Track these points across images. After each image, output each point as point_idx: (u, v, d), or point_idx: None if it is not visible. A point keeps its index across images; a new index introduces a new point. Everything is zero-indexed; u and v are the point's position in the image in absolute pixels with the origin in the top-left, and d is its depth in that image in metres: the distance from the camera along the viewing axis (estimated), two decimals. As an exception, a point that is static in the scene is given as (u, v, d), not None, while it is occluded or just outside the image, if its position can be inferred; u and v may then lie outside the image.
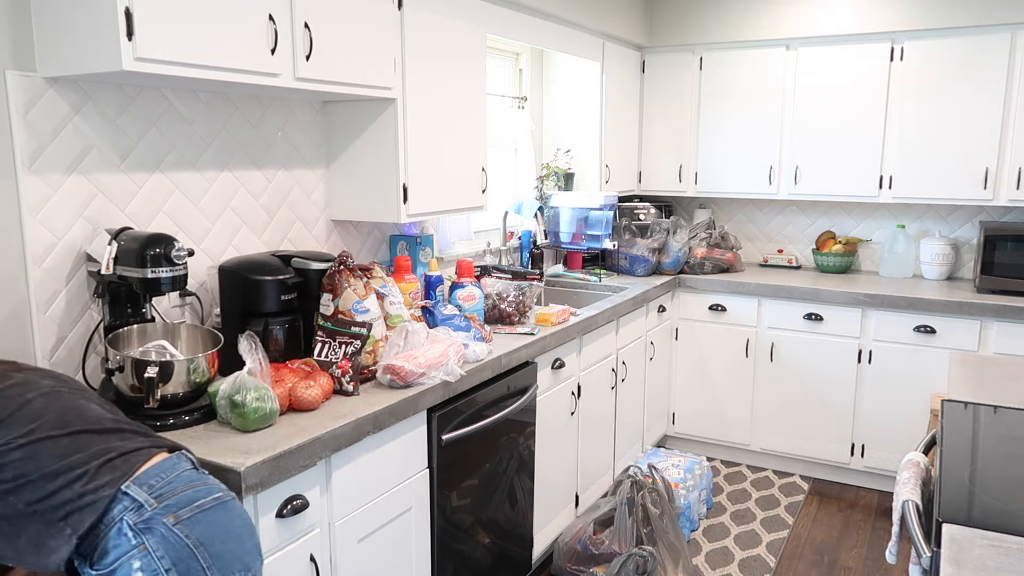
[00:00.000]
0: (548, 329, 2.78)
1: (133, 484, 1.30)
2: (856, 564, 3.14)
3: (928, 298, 3.46)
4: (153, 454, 1.37)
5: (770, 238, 4.45)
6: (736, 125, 4.09)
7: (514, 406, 2.51)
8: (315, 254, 2.26)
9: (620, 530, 2.88)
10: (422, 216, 2.59)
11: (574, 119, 4.00)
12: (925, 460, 1.79)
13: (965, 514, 1.43)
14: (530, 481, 2.74)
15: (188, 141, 2.14)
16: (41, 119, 1.79)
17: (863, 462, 3.72)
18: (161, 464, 1.36)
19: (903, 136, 3.68)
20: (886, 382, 3.61)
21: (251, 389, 1.74)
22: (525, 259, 3.85)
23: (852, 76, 3.76)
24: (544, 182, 4.01)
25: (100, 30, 1.61)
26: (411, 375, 2.07)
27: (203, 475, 1.41)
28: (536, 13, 3.21)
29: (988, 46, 3.46)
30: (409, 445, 2.09)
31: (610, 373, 3.36)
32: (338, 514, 1.85)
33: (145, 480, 1.31)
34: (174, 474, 1.36)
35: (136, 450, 1.36)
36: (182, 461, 1.40)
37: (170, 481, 1.34)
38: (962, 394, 2.18)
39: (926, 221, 4.04)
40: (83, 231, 1.90)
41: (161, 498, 1.30)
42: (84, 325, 1.93)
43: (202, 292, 2.20)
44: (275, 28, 1.93)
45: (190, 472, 1.39)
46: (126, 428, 1.42)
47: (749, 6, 3.95)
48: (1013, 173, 3.49)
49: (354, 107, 2.51)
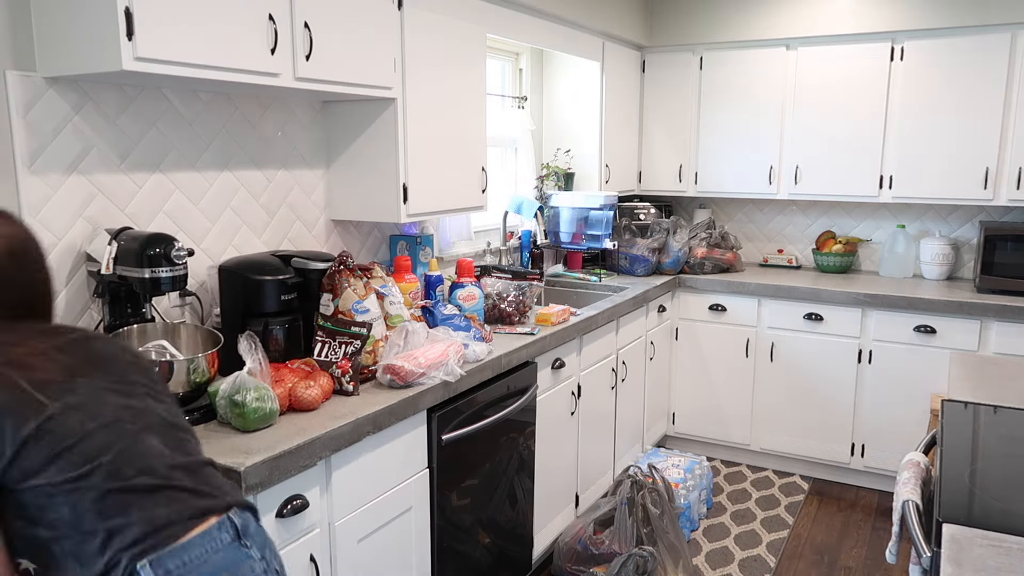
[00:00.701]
0: (548, 329, 2.78)
1: (149, 566, 1.14)
2: (856, 564, 3.14)
3: (928, 298, 3.46)
4: (193, 526, 1.20)
5: (770, 238, 4.45)
6: (736, 125, 4.09)
7: (514, 406, 2.51)
8: (315, 254, 2.26)
9: (620, 530, 2.89)
10: (422, 216, 2.59)
11: (574, 119, 4.00)
12: (925, 460, 1.79)
13: (965, 514, 1.43)
14: (530, 481, 2.74)
15: (188, 141, 2.14)
16: (41, 119, 1.79)
17: (863, 462, 3.72)
18: (194, 540, 1.19)
19: (903, 136, 3.68)
20: (886, 382, 3.61)
21: (251, 389, 1.74)
22: (525, 259, 3.85)
23: (852, 76, 3.76)
24: (544, 182, 4.01)
25: (100, 30, 1.61)
26: (411, 375, 2.07)
27: (241, 552, 1.23)
28: (536, 13, 3.21)
29: (988, 46, 3.46)
30: (409, 445, 2.09)
31: (610, 373, 3.36)
32: (338, 514, 1.85)
33: (164, 563, 1.15)
34: (202, 557, 1.19)
35: (174, 522, 1.19)
36: (223, 533, 1.22)
37: (194, 567, 1.17)
38: (962, 394, 2.18)
39: (926, 221, 4.04)
40: (83, 231, 1.90)
41: None
42: (84, 325, 1.93)
43: (202, 292, 2.20)
44: (275, 28, 1.93)
45: (226, 551, 1.21)
46: (176, 484, 1.22)
47: (749, 6, 3.95)
48: (1013, 173, 3.49)
49: (354, 107, 2.51)
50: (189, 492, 1.24)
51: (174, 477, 1.23)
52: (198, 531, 1.21)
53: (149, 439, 1.24)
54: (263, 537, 1.30)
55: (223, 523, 1.24)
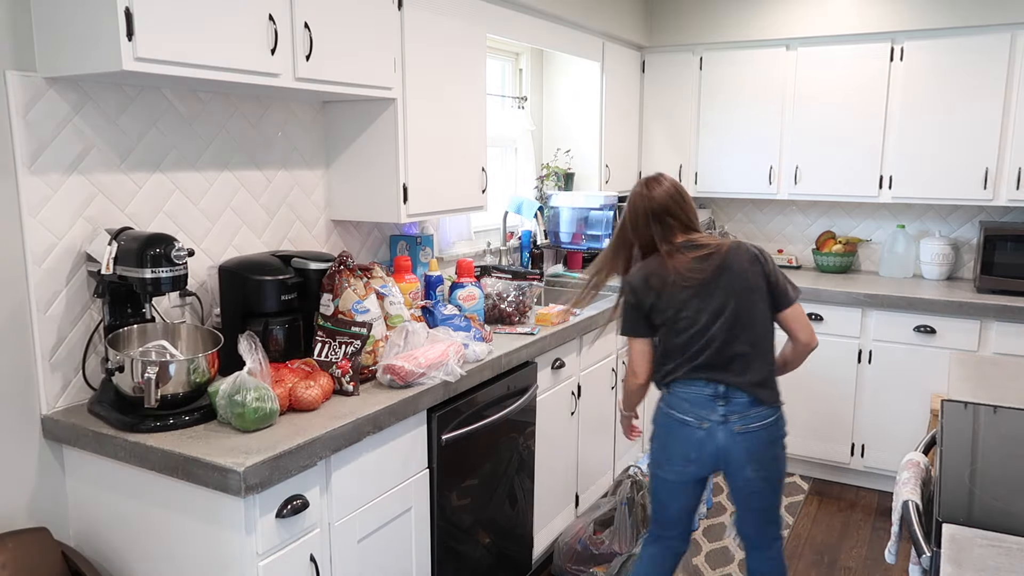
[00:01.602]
0: (548, 329, 2.78)
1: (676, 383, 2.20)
2: (856, 564, 3.14)
3: (928, 298, 3.46)
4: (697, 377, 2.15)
5: (770, 238, 4.45)
6: (736, 125, 4.09)
7: (514, 406, 2.51)
8: (315, 254, 2.26)
9: (620, 530, 2.89)
10: (422, 216, 2.59)
11: (574, 119, 4.00)
12: (925, 460, 1.79)
13: (965, 514, 1.43)
14: (530, 481, 2.74)
15: (188, 141, 2.14)
16: (41, 119, 1.79)
17: (863, 462, 3.72)
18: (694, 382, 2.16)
19: (903, 136, 3.68)
20: (886, 382, 3.61)
21: (251, 389, 1.74)
22: (525, 259, 3.85)
23: (852, 76, 3.76)
24: (544, 182, 4.01)
25: (100, 30, 1.61)
26: (411, 375, 2.07)
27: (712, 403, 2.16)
28: (536, 13, 3.22)
29: (988, 46, 3.46)
30: (409, 445, 2.09)
31: (610, 373, 3.36)
32: (338, 514, 1.85)
33: (675, 385, 2.21)
34: (693, 395, 2.15)
35: (681, 367, 2.18)
36: (707, 388, 2.14)
37: (685, 396, 2.17)
38: (962, 394, 2.18)
39: (926, 221, 4.04)
40: (83, 231, 1.90)
41: None
42: (84, 325, 1.93)
43: (202, 292, 2.20)
44: (275, 28, 1.93)
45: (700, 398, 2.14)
46: (702, 349, 2.14)
47: (749, 6, 3.95)
48: (1013, 173, 3.49)
49: (354, 107, 2.51)
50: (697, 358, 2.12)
51: (704, 355, 2.10)
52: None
53: (712, 335, 2.11)
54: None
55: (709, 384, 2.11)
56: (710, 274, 2.11)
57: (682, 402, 2.14)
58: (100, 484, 1.83)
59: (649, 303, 2.15)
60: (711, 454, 2.13)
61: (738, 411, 2.09)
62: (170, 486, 1.69)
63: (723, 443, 2.10)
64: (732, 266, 2.12)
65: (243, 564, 1.62)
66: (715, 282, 2.11)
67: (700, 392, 2.12)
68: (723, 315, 2.10)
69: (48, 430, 1.85)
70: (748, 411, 2.10)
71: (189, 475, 1.63)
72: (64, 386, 1.89)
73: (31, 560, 1.70)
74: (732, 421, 2.09)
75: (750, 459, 2.11)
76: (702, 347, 2.11)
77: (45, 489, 1.88)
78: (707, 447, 2.12)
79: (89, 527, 1.87)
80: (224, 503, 1.61)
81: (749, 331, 2.12)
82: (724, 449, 2.11)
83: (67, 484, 1.90)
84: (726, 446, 2.10)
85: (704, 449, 2.12)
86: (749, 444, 2.10)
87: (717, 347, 2.10)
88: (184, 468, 1.63)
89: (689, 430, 2.12)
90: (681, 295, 2.11)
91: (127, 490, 1.78)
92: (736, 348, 2.11)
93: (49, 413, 1.86)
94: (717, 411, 2.10)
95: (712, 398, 2.10)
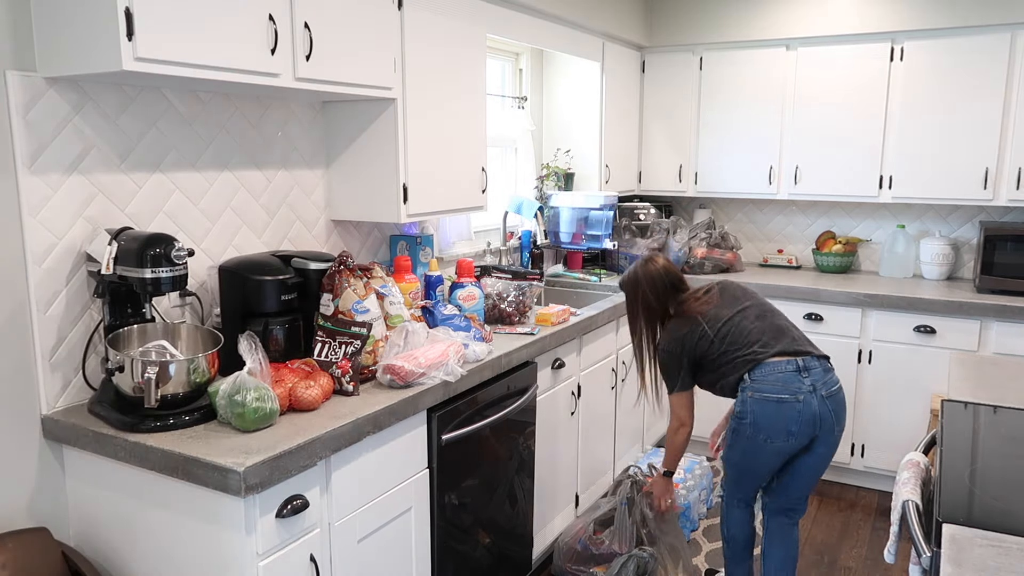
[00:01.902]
0: (548, 329, 2.78)
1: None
2: (856, 564, 3.14)
3: (928, 298, 3.46)
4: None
5: (770, 238, 4.45)
6: (736, 125, 4.09)
7: (514, 406, 2.51)
8: (315, 254, 2.26)
9: (620, 530, 2.88)
10: (422, 216, 2.59)
11: (574, 119, 4.00)
12: (925, 460, 1.79)
13: (965, 514, 1.43)
14: (530, 481, 2.74)
15: (188, 141, 2.14)
16: (41, 119, 1.79)
17: (863, 462, 3.72)
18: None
19: (903, 136, 3.68)
20: (886, 382, 3.61)
21: (251, 389, 1.74)
22: (525, 259, 3.85)
23: (852, 76, 3.76)
24: (544, 182, 4.01)
25: (100, 30, 1.61)
26: (411, 375, 2.07)
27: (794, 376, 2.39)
28: (536, 13, 3.22)
29: (988, 46, 3.46)
30: (409, 445, 2.09)
31: (610, 373, 3.36)
32: (338, 514, 1.85)
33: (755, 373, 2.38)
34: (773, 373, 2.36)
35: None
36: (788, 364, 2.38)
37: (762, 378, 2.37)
38: (962, 394, 2.18)
39: (926, 221, 4.04)
40: (83, 231, 1.90)
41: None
42: (84, 325, 1.93)
43: (202, 292, 2.20)
44: (275, 28, 1.93)
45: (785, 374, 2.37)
46: (760, 340, 2.43)
47: (749, 6, 3.95)
48: (1013, 173, 3.49)
49: (354, 107, 2.51)
50: (766, 344, 2.40)
51: (762, 339, 2.40)
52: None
53: (745, 322, 2.43)
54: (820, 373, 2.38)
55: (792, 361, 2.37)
56: (718, 297, 2.51)
57: (772, 383, 2.35)
58: (100, 484, 1.83)
59: (698, 350, 2.46)
60: (808, 423, 2.34)
61: (819, 379, 2.36)
62: (170, 486, 1.69)
63: (817, 410, 2.34)
64: (726, 288, 2.56)
65: (243, 564, 1.62)
66: (723, 300, 2.50)
67: (784, 369, 2.36)
68: (749, 308, 2.47)
69: (48, 430, 1.85)
70: (825, 377, 2.39)
71: (189, 475, 1.63)
72: (64, 386, 1.90)
73: (31, 560, 1.70)
74: (818, 388, 2.35)
75: (837, 421, 2.39)
76: (757, 333, 2.41)
77: (45, 489, 1.88)
78: (805, 417, 2.34)
79: (89, 527, 1.87)
80: (224, 503, 1.61)
81: (773, 313, 2.49)
82: (819, 415, 2.35)
83: (67, 484, 1.90)
84: (820, 412, 2.34)
85: (803, 419, 2.34)
86: (835, 407, 2.38)
87: (767, 327, 2.43)
88: (184, 468, 1.63)
89: (788, 405, 2.33)
90: (715, 323, 2.44)
91: (127, 490, 1.78)
92: (778, 321, 2.46)
93: (49, 413, 1.86)
94: (804, 383, 2.34)
95: (796, 372, 2.35)
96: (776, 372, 2.35)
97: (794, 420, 2.33)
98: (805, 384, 2.34)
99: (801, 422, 2.33)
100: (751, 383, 2.38)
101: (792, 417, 2.33)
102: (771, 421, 2.35)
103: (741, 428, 2.42)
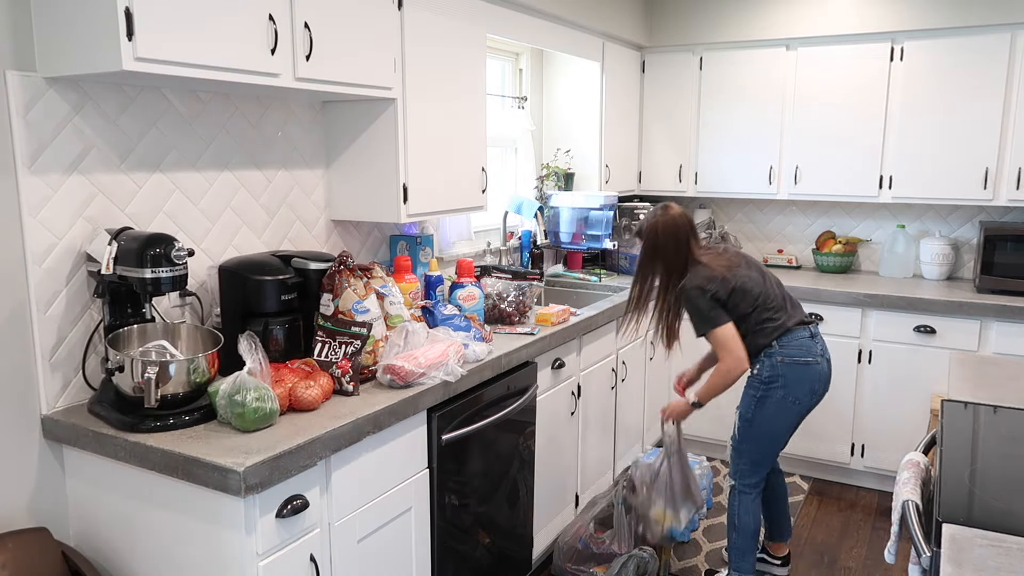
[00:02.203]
0: (548, 329, 2.78)
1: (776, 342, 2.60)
2: (856, 564, 3.14)
3: (928, 298, 3.46)
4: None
5: (770, 238, 4.45)
6: (736, 125, 4.09)
7: (514, 406, 2.51)
8: (315, 254, 2.26)
9: (620, 530, 2.88)
10: (422, 216, 2.59)
11: (574, 119, 4.00)
12: (925, 460, 1.79)
13: (965, 514, 1.43)
14: (530, 481, 2.74)
15: (188, 141, 2.14)
16: (41, 119, 1.79)
17: (863, 462, 3.72)
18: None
19: (903, 136, 3.68)
20: (886, 382, 3.61)
21: (251, 389, 1.74)
22: (525, 259, 3.85)
23: (852, 76, 3.76)
24: (544, 182, 4.01)
25: (100, 30, 1.61)
26: (411, 375, 2.07)
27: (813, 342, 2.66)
28: (536, 13, 3.22)
29: (988, 46, 3.46)
30: (409, 445, 2.09)
31: (610, 373, 3.36)
32: (338, 514, 1.85)
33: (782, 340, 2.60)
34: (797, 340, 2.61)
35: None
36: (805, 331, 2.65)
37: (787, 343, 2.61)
38: (962, 394, 2.18)
39: (926, 221, 4.04)
40: (83, 231, 1.90)
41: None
42: (84, 325, 1.93)
43: (202, 292, 2.20)
44: (275, 28, 1.93)
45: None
46: (777, 306, 2.64)
47: (749, 6, 3.95)
48: (1013, 173, 3.49)
49: (354, 107, 2.51)
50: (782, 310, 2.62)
51: (785, 306, 2.63)
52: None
53: (769, 288, 2.61)
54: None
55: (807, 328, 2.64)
56: (736, 256, 2.66)
57: (797, 347, 2.58)
58: (100, 484, 1.83)
59: (726, 293, 2.55)
60: (824, 381, 2.65)
61: (822, 343, 2.67)
62: (170, 486, 1.69)
63: (826, 370, 2.65)
64: (740, 253, 2.72)
65: (243, 564, 1.62)
66: (743, 261, 2.65)
67: (803, 336, 2.61)
68: (768, 276, 2.66)
69: (48, 430, 1.85)
70: (824, 343, 2.69)
71: (189, 475, 1.63)
72: (64, 386, 1.90)
73: (31, 560, 1.70)
74: (826, 352, 2.67)
75: (830, 380, 2.71)
76: (781, 300, 2.63)
77: (45, 489, 1.88)
78: (823, 376, 2.63)
79: (89, 527, 1.87)
80: (224, 503, 1.61)
81: (781, 284, 2.69)
82: (828, 375, 2.66)
83: (67, 484, 1.90)
84: (828, 373, 2.66)
85: (822, 379, 2.63)
86: (830, 368, 2.70)
87: (786, 295, 2.66)
88: (184, 468, 1.63)
89: (814, 368, 2.60)
90: (740, 278, 2.57)
91: (127, 490, 1.78)
92: (788, 292, 2.69)
93: (49, 413, 1.86)
94: (817, 347, 2.62)
95: (811, 338, 2.62)
96: (799, 338, 2.59)
97: (817, 379, 2.60)
98: (817, 348, 2.62)
99: (821, 381, 2.62)
100: (780, 348, 2.58)
101: (816, 377, 2.60)
102: (800, 383, 2.58)
103: (771, 394, 2.60)
